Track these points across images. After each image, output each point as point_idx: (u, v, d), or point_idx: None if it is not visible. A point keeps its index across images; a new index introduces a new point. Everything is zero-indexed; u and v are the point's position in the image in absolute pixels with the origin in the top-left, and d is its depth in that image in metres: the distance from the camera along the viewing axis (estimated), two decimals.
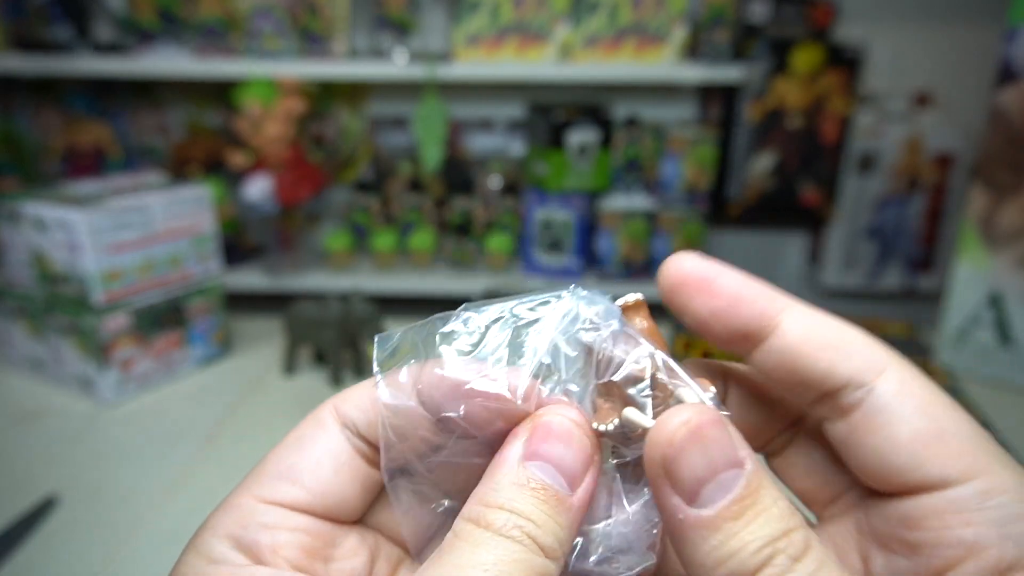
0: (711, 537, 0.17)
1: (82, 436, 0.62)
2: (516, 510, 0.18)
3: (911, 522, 0.19)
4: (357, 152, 1.76)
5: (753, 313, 0.20)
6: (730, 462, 0.17)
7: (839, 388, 0.19)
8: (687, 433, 0.17)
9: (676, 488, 0.17)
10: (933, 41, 1.69)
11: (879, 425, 0.19)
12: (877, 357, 0.20)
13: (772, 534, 0.16)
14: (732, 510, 0.17)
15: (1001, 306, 0.72)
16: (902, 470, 0.19)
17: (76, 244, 0.63)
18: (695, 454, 0.17)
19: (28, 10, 1.51)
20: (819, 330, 0.20)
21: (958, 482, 0.18)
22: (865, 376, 0.19)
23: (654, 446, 0.18)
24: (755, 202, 1.72)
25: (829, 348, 0.19)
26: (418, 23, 1.61)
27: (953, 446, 0.18)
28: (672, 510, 0.17)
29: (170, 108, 1.76)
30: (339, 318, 0.69)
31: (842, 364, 0.19)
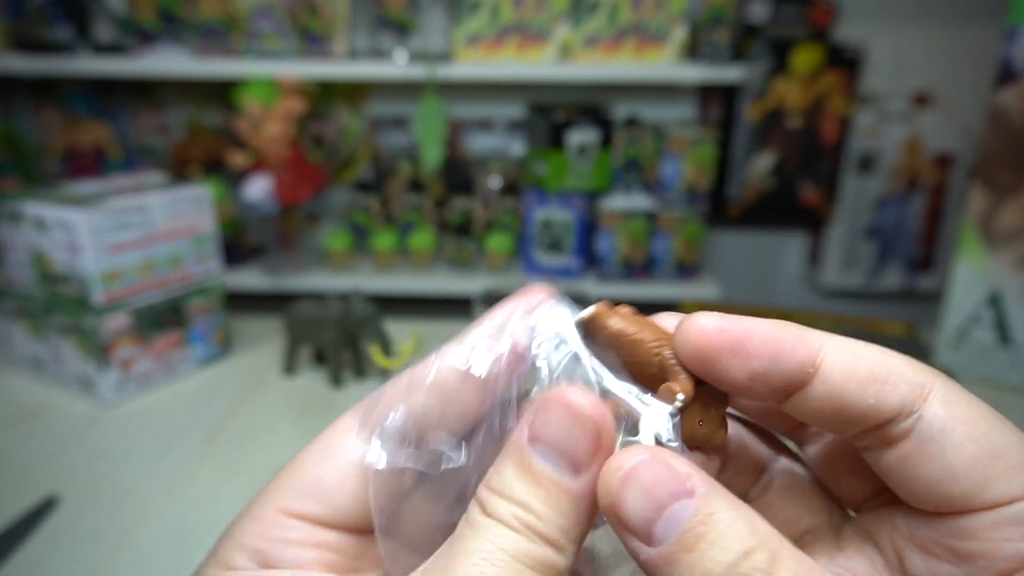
0: (674, 573, 0.16)
1: (82, 436, 0.62)
2: (515, 498, 0.18)
3: (965, 534, 0.18)
4: (357, 152, 1.76)
5: (792, 365, 0.19)
6: (675, 494, 0.17)
7: (888, 420, 0.19)
8: (622, 478, 0.17)
9: (630, 532, 0.17)
10: (933, 41, 1.69)
11: (931, 454, 0.18)
12: (921, 380, 0.19)
13: (731, 559, 0.16)
14: (685, 542, 0.16)
15: (1001, 306, 0.72)
16: (960, 497, 0.18)
17: (76, 244, 0.63)
18: (635, 497, 0.17)
19: (28, 10, 1.51)
20: (860, 364, 0.19)
21: (1019, 498, 0.18)
22: (913, 404, 0.19)
23: (601, 498, 0.18)
24: (755, 202, 1.72)
25: (874, 382, 0.19)
26: (418, 23, 1.61)
27: (1010, 463, 0.18)
28: (635, 553, 0.17)
29: (170, 108, 1.76)
30: (339, 318, 0.69)
31: (888, 396, 0.19)
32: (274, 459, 0.59)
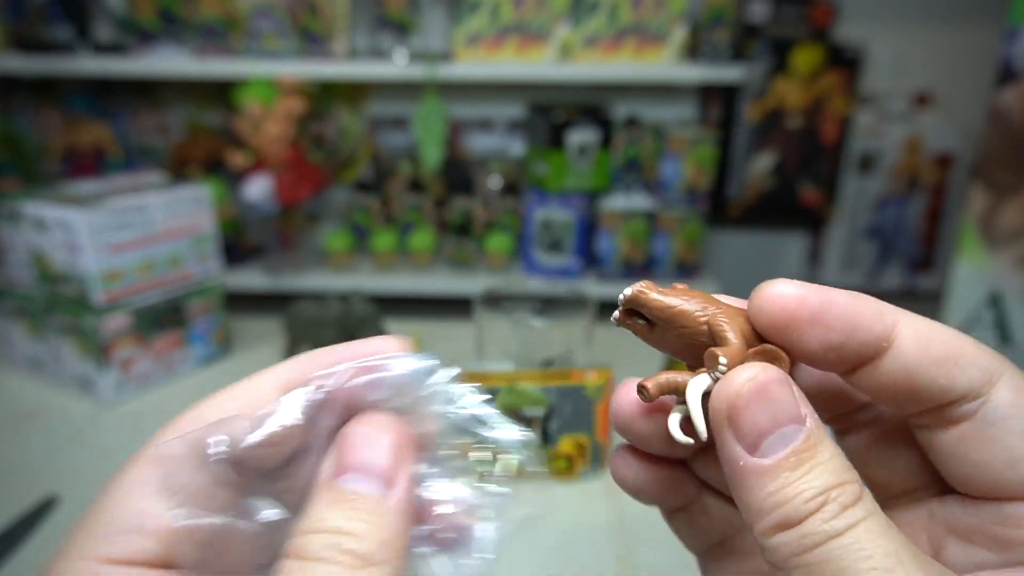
0: (769, 484, 0.17)
1: (82, 436, 0.62)
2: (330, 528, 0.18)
3: (1011, 521, 0.19)
4: (357, 152, 1.76)
5: (869, 338, 0.19)
6: (791, 418, 0.18)
7: (955, 401, 0.19)
8: (753, 388, 0.18)
9: (739, 438, 0.18)
10: (933, 41, 1.69)
11: (991, 437, 0.19)
12: (992, 366, 0.19)
13: (826, 484, 0.17)
14: (790, 461, 0.17)
15: (1001, 306, 0.72)
16: (1014, 483, 0.19)
17: (76, 244, 0.63)
18: (759, 408, 0.18)
19: (28, 10, 1.51)
20: (935, 343, 0.19)
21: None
22: (981, 388, 0.19)
23: (721, 399, 0.18)
24: (755, 202, 1.72)
25: (947, 362, 0.19)
26: (418, 23, 1.61)
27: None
28: (734, 457, 0.18)
29: (170, 108, 1.76)
30: (339, 318, 0.69)
31: (959, 378, 0.19)
32: None
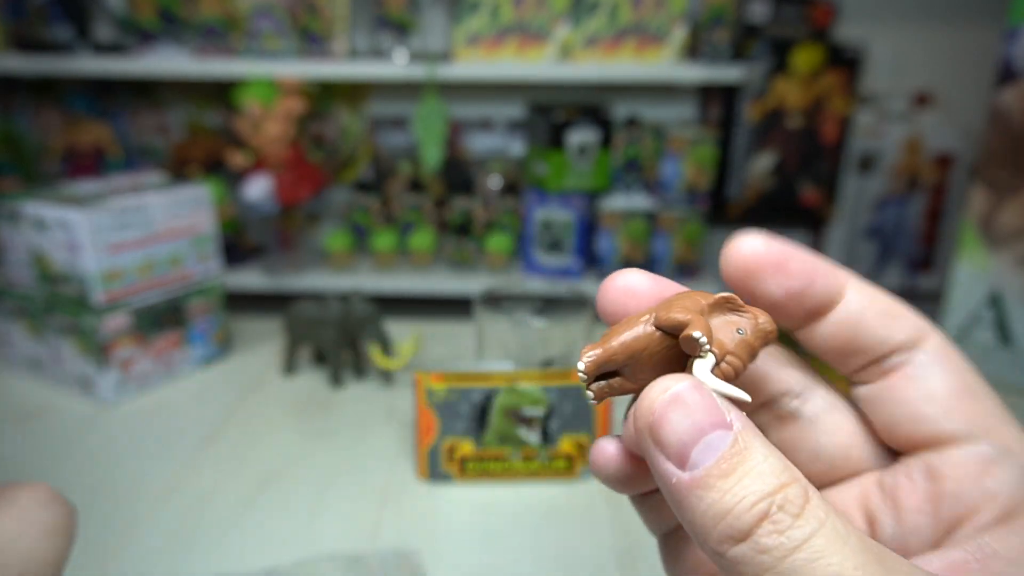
0: (705, 496, 0.17)
1: (82, 436, 0.62)
2: None
3: (936, 474, 0.20)
4: (357, 152, 1.76)
5: (824, 289, 0.21)
6: (715, 423, 0.17)
7: (891, 351, 0.21)
8: (666, 400, 0.18)
9: (666, 454, 0.17)
10: (933, 41, 1.69)
11: (919, 377, 0.21)
12: (922, 323, 0.21)
13: (765, 489, 0.16)
14: (721, 468, 0.17)
15: (1001, 306, 0.72)
16: (933, 418, 0.20)
17: (76, 244, 0.63)
18: (677, 418, 0.17)
19: (28, 10, 1.51)
20: (877, 299, 0.21)
21: (983, 438, 0.20)
22: (915, 340, 0.21)
23: (640, 417, 0.18)
24: (755, 202, 1.72)
25: (887, 316, 0.21)
26: (418, 23, 1.61)
27: (980, 405, 0.20)
28: (667, 476, 0.17)
29: (170, 108, 1.76)
30: (339, 318, 0.69)
31: (896, 330, 0.21)
32: (274, 459, 0.59)
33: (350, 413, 0.66)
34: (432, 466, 0.55)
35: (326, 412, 0.66)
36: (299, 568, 0.45)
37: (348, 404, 0.68)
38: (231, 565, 0.47)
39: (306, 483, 0.56)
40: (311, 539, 0.49)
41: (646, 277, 0.22)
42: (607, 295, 0.22)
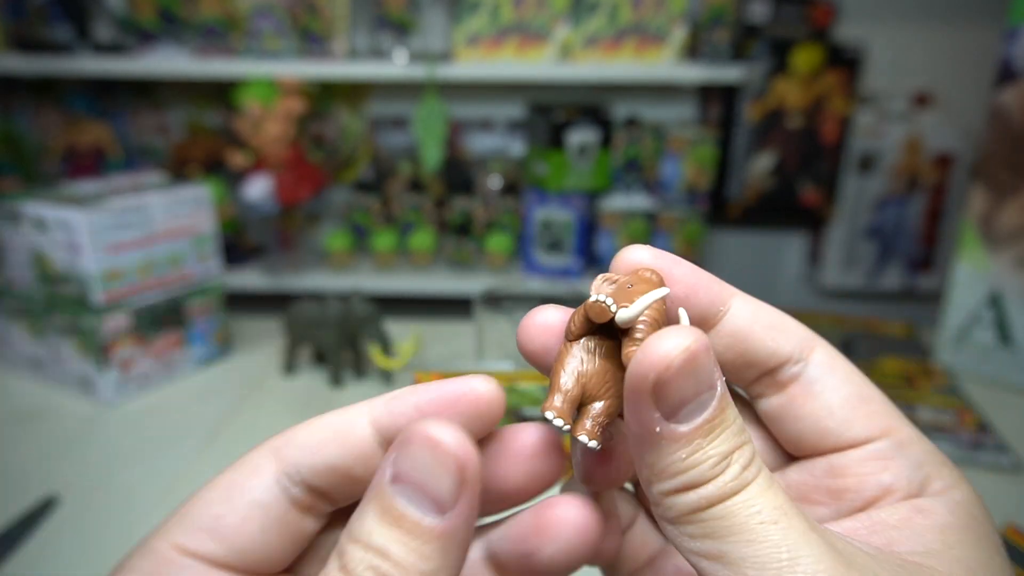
0: (682, 450, 0.18)
1: (82, 436, 0.62)
2: (373, 545, 0.17)
3: (837, 471, 0.21)
4: (357, 152, 1.76)
5: (708, 299, 0.21)
6: (709, 385, 0.18)
7: (782, 364, 0.22)
8: (685, 359, 0.17)
9: (660, 406, 0.17)
10: (933, 41, 1.69)
11: (815, 393, 0.22)
12: (809, 336, 0.22)
13: (729, 449, 0.18)
14: (704, 428, 0.18)
15: (1001, 306, 0.72)
16: (837, 431, 0.21)
17: (76, 244, 0.63)
18: (688, 379, 0.17)
19: (28, 10, 1.51)
20: (763, 313, 0.22)
21: (879, 437, 0.21)
22: (803, 351, 0.22)
23: (646, 365, 0.17)
24: (755, 202, 1.72)
25: (773, 328, 0.22)
26: (418, 23, 1.61)
27: (874, 407, 0.22)
28: (649, 423, 0.18)
29: (170, 108, 1.76)
30: (339, 318, 0.69)
31: (784, 342, 0.22)
32: None
33: None
34: None
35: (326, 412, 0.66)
36: None
37: (348, 404, 0.68)
38: None
39: None
40: None
41: (562, 312, 0.22)
42: (527, 332, 0.22)
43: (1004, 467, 0.58)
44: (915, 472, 0.21)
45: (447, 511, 0.17)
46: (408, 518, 0.17)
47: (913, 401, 0.68)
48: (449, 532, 0.17)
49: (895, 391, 0.69)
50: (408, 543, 0.17)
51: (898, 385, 0.71)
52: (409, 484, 0.17)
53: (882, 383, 0.70)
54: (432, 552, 0.17)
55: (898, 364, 0.75)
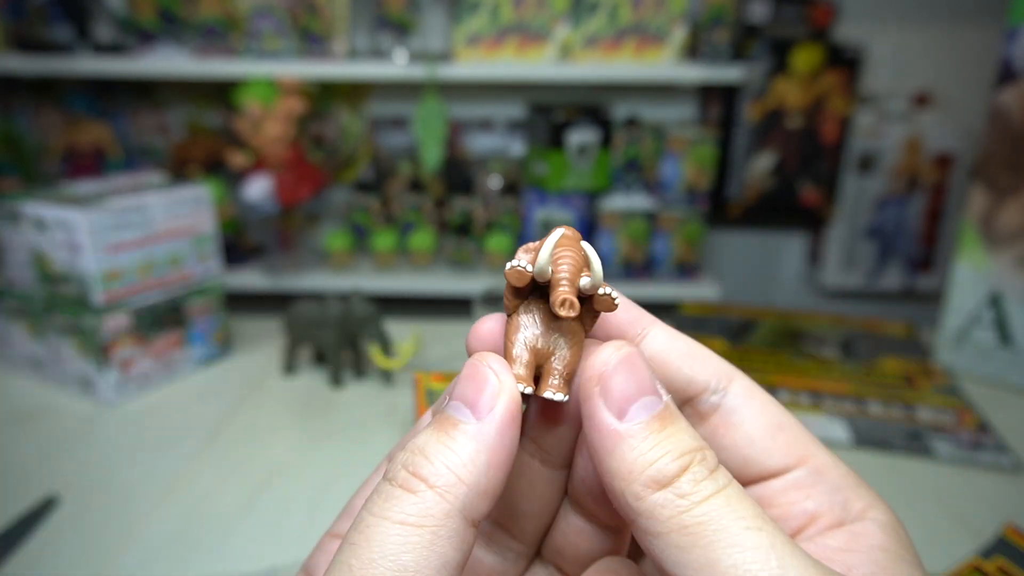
0: (638, 445, 0.19)
1: (82, 436, 0.62)
2: (415, 446, 0.19)
3: (763, 502, 0.22)
4: (357, 152, 1.76)
5: (627, 319, 0.23)
6: (651, 389, 0.20)
7: (699, 393, 0.23)
8: (621, 357, 0.20)
9: (608, 404, 0.19)
10: (933, 41, 1.69)
11: (735, 423, 0.23)
12: (726, 366, 0.23)
13: (688, 446, 0.19)
14: (654, 425, 0.19)
15: (1001, 306, 0.72)
16: (758, 461, 0.22)
17: (76, 244, 0.63)
18: (627, 376, 0.20)
19: (28, 10, 1.51)
20: (680, 342, 0.23)
21: (798, 465, 0.22)
22: (720, 381, 0.23)
23: (592, 366, 0.20)
24: (755, 202, 1.72)
25: (689, 357, 0.23)
26: (418, 23, 1.61)
27: (790, 436, 0.23)
28: (605, 424, 0.19)
29: (170, 108, 1.76)
30: (339, 318, 0.69)
31: (701, 371, 0.23)
32: (274, 459, 0.59)
33: (350, 413, 0.66)
34: None
35: (326, 412, 0.66)
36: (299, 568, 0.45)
37: (348, 404, 0.68)
38: (231, 565, 0.47)
39: (306, 483, 0.56)
40: (311, 539, 0.49)
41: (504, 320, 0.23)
42: (475, 344, 0.23)
43: (1004, 467, 0.58)
44: (834, 496, 0.22)
45: (483, 416, 0.20)
46: (451, 420, 0.20)
47: (913, 401, 0.68)
48: (482, 434, 0.19)
49: (895, 391, 0.69)
50: (445, 440, 0.19)
51: (898, 385, 0.71)
52: (459, 399, 0.20)
53: (882, 383, 0.70)
54: (462, 448, 0.19)
55: (898, 364, 0.75)
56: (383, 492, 0.19)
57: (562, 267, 0.20)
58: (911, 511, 0.53)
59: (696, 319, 0.86)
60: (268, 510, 0.52)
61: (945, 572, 0.46)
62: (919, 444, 0.60)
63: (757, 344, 0.79)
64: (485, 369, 0.20)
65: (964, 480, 0.56)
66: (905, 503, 0.54)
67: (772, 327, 0.84)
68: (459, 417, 0.20)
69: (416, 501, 0.18)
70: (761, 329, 0.83)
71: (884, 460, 0.59)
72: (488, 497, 0.19)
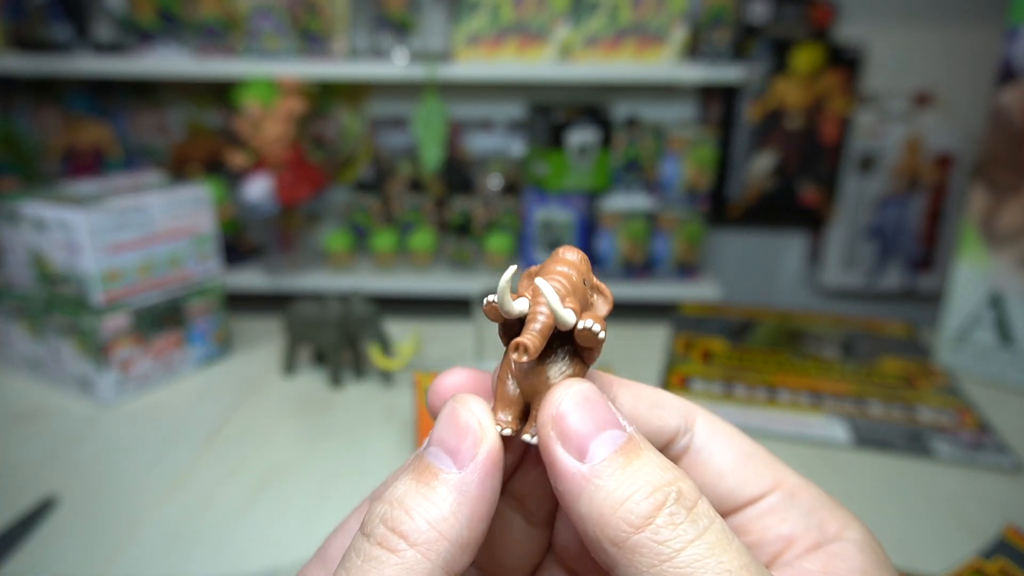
0: (604, 485, 0.18)
1: (82, 436, 0.62)
2: (393, 497, 0.19)
3: (739, 530, 0.22)
4: (357, 152, 1.76)
5: None
6: (612, 423, 0.19)
7: (671, 439, 0.23)
8: (573, 395, 0.19)
9: (567, 446, 0.18)
10: (933, 41, 1.69)
11: (704, 460, 0.23)
12: (688, 407, 0.23)
13: (658, 481, 0.18)
14: (618, 460, 0.18)
15: (1001, 306, 0.72)
16: (732, 493, 0.22)
17: (76, 244, 0.63)
18: (581, 413, 0.19)
19: (28, 10, 1.51)
20: (645, 393, 0.23)
21: (772, 491, 0.22)
22: (686, 423, 0.23)
23: (545, 410, 0.19)
24: (755, 202, 1.72)
25: (656, 406, 0.23)
26: (418, 23, 1.61)
27: (759, 463, 0.23)
28: (567, 469, 0.18)
29: (170, 108, 1.76)
30: (339, 318, 0.69)
31: (669, 417, 0.23)
32: (274, 459, 0.59)
33: (350, 413, 0.66)
34: None
35: (326, 412, 0.66)
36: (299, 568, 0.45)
37: (348, 404, 0.68)
38: (231, 565, 0.46)
39: (306, 483, 0.55)
40: (311, 539, 0.49)
41: (468, 373, 0.23)
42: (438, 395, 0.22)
43: (1004, 467, 0.58)
44: (809, 518, 0.22)
45: (464, 465, 0.19)
46: (431, 469, 0.19)
47: (913, 401, 0.67)
48: (464, 484, 0.19)
49: (895, 391, 0.69)
50: (424, 491, 0.18)
51: (898, 385, 0.70)
52: (438, 445, 0.19)
53: (882, 383, 0.70)
54: (443, 500, 0.18)
55: (898, 364, 0.75)
56: (362, 551, 0.18)
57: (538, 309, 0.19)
58: (911, 512, 0.53)
59: (696, 319, 0.86)
60: (268, 510, 0.52)
61: (946, 573, 0.46)
62: (919, 444, 0.60)
63: (757, 344, 0.79)
64: (466, 414, 0.19)
65: (964, 481, 0.56)
66: (905, 504, 0.53)
67: (772, 327, 0.84)
68: (440, 466, 0.19)
69: (397, 562, 0.17)
70: (761, 329, 0.83)
71: (884, 460, 0.59)
72: (470, 549, 0.18)
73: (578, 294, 0.20)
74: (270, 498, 0.53)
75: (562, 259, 0.21)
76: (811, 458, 0.59)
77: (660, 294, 1.61)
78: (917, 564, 0.46)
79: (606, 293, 0.22)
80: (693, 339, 0.80)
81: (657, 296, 1.61)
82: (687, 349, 0.78)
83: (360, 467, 0.57)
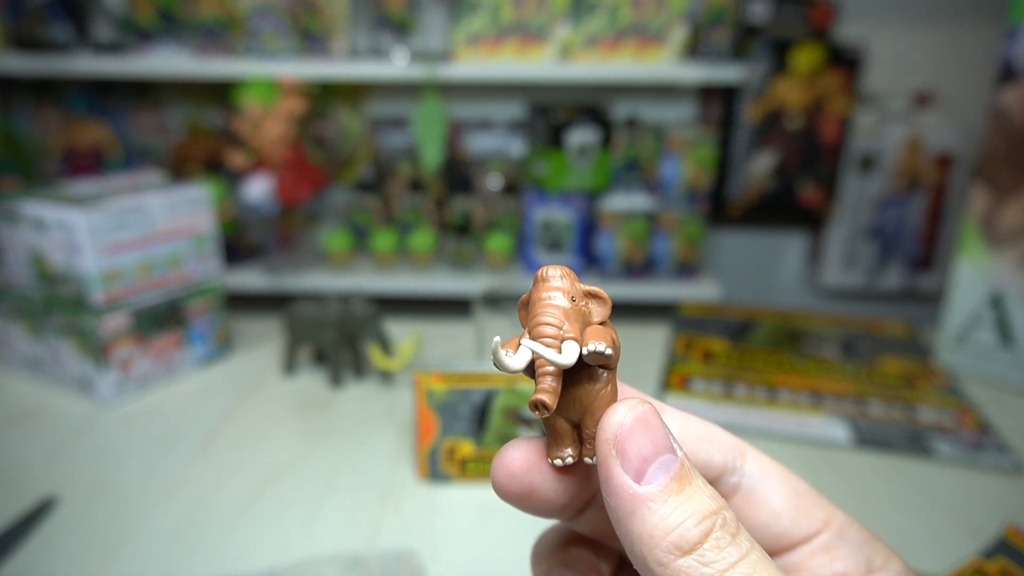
0: (660, 508, 0.18)
1: (82, 436, 0.62)
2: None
3: (791, 569, 0.23)
4: (357, 152, 1.76)
5: None
6: (667, 448, 0.19)
7: (718, 476, 0.23)
8: (635, 417, 0.20)
9: (625, 467, 0.19)
10: (933, 41, 1.69)
11: (758, 502, 0.23)
12: (738, 443, 0.24)
13: (708, 509, 0.18)
14: (673, 487, 0.19)
15: (1002, 306, 0.72)
16: (785, 534, 0.23)
17: (75, 244, 0.63)
18: (643, 436, 0.19)
19: (28, 10, 1.51)
20: (693, 425, 0.23)
21: (824, 529, 0.23)
22: (735, 461, 0.23)
23: (606, 428, 0.20)
24: (755, 202, 1.72)
25: (704, 440, 0.23)
26: (418, 23, 1.61)
27: (809, 501, 0.23)
28: (624, 487, 0.19)
29: (170, 108, 1.76)
30: (339, 318, 0.69)
31: (716, 451, 0.23)
32: (274, 459, 0.59)
33: (350, 413, 0.66)
34: (432, 467, 0.55)
35: (326, 412, 0.66)
36: (299, 568, 0.45)
37: (348, 404, 0.68)
38: (231, 565, 0.46)
39: (306, 483, 0.55)
40: (311, 539, 0.49)
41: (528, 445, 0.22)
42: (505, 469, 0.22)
43: (1005, 467, 0.58)
44: (859, 555, 0.22)
45: None
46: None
47: (913, 401, 0.67)
48: None
49: (896, 391, 0.69)
50: None
51: (899, 385, 0.70)
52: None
53: (883, 383, 0.70)
54: None
55: (898, 364, 0.75)
56: None
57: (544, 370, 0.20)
58: (912, 512, 0.53)
59: (696, 319, 0.86)
60: (268, 510, 0.52)
61: (946, 573, 0.46)
62: (920, 445, 0.60)
63: (757, 344, 0.79)
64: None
65: (965, 481, 0.56)
66: (906, 504, 0.53)
67: (772, 327, 0.84)
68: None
69: None
70: (761, 329, 0.83)
71: (885, 461, 0.59)
72: None
73: (573, 316, 0.20)
74: (270, 498, 0.53)
75: (546, 287, 0.21)
76: (811, 458, 0.59)
77: (660, 294, 1.61)
78: (917, 564, 0.46)
79: (600, 295, 0.22)
80: (693, 339, 0.80)
81: (657, 296, 1.61)
82: (687, 349, 0.78)
83: (360, 467, 0.57)
